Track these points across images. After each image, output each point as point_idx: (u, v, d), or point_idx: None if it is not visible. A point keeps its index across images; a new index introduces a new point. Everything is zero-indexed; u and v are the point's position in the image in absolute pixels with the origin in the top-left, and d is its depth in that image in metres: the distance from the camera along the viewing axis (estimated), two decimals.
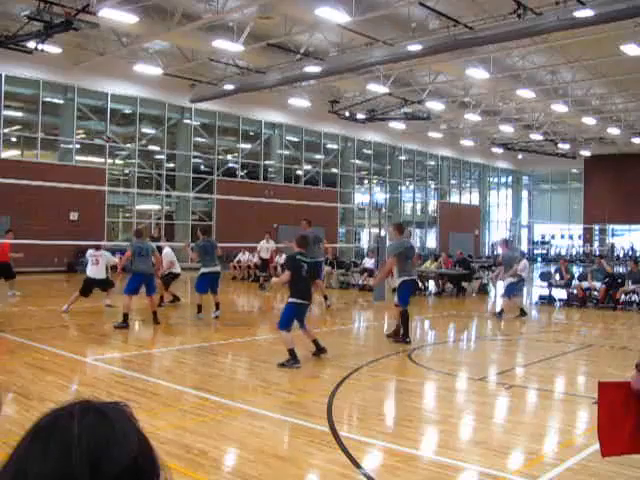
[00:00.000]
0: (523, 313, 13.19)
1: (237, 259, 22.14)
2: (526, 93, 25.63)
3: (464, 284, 18.11)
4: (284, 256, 21.51)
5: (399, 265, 9.48)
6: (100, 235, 23.45)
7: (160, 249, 13.33)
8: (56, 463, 0.85)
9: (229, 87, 23.80)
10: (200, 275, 11.83)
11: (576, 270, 21.67)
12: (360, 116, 28.58)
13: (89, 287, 12.43)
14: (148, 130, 27.28)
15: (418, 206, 41.46)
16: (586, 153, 40.66)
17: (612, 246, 41.07)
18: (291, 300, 7.80)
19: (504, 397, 6.74)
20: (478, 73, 22.42)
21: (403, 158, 38.62)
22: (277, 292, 17.80)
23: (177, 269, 13.69)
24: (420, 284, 18.39)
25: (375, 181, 38.00)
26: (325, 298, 13.96)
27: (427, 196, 41.22)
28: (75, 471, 0.84)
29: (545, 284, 16.94)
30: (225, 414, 5.71)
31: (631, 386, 2.60)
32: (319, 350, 8.13)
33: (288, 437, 5.31)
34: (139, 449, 0.90)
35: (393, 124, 32.74)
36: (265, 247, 19.32)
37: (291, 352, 7.61)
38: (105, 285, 13.01)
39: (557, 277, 16.50)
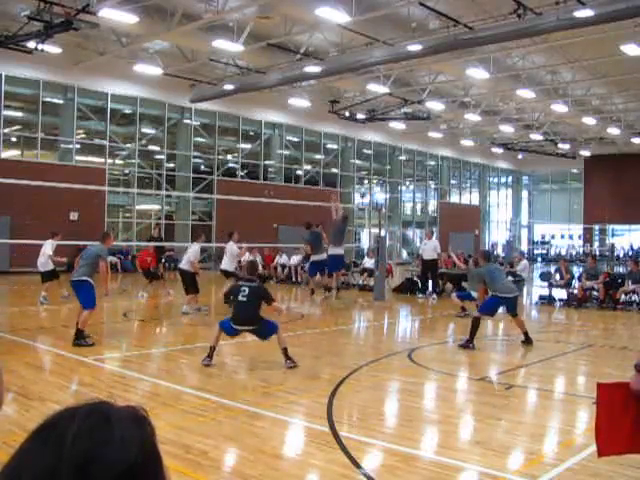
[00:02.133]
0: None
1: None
2: (526, 93, 25.63)
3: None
4: (284, 256, 21.56)
5: (489, 287, 9.91)
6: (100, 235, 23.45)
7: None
8: (47, 462, 0.85)
9: (229, 87, 23.79)
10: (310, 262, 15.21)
11: (576, 270, 21.67)
12: (360, 116, 28.58)
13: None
14: (148, 130, 27.28)
15: (418, 206, 41.46)
16: (586, 153, 40.66)
17: (612, 246, 41.05)
18: None
19: (504, 397, 6.74)
20: (478, 73, 22.42)
21: (403, 158, 38.62)
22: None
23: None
24: (420, 284, 18.49)
25: (375, 181, 38.01)
26: (329, 290, 14.86)
27: (427, 196, 41.22)
28: (62, 472, 0.84)
29: (545, 284, 16.95)
30: (225, 414, 5.71)
31: (630, 387, 2.60)
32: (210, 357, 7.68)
33: (288, 437, 5.31)
34: (140, 456, 0.89)
35: (393, 124, 32.74)
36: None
37: None
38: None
39: (557, 277, 16.51)
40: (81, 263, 9.30)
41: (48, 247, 13.51)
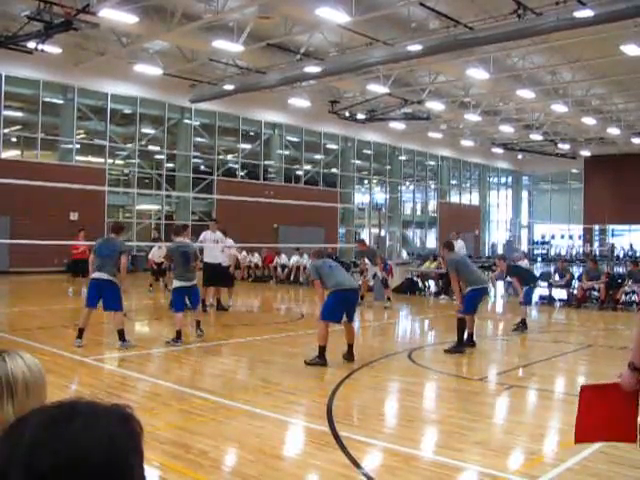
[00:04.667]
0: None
1: None
2: (526, 93, 25.63)
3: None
4: (283, 257, 21.56)
5: (465, 278, 9.24)
6: (100, 235, 23.45)
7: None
8: (1, 459, 0.87)
9: (229, 87, 23.80)
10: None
11: (576, 270, 21.66)
12: (360, 116, 28.58)
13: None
14: (148, 130, 27.27)
15: (418, 206, 41.46)
16: (586, 153, 40.65)
17: (612, 246, 41.06)
18: None
19: (504, 397, 6.74)
20: (478, 73, 22.42)
21: (403, 158, 38.62)
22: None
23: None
24: (420, 284, 18.51)
25: (375, 181, 38.01)
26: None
27: (427, 196, 41.21)
28: (8, 469, 0.85)
29: (545, 284, 16.93)
30: (225, 414, 5.71)
31: (622, 383, 2.69)
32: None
33: (288, 437, 5.30)
34: (99, 457, 0.86)
35: (393, 124, 32.73)
36: None
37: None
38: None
39: (557, 277, 16.51)
40: (101, 261, 8.55)
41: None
